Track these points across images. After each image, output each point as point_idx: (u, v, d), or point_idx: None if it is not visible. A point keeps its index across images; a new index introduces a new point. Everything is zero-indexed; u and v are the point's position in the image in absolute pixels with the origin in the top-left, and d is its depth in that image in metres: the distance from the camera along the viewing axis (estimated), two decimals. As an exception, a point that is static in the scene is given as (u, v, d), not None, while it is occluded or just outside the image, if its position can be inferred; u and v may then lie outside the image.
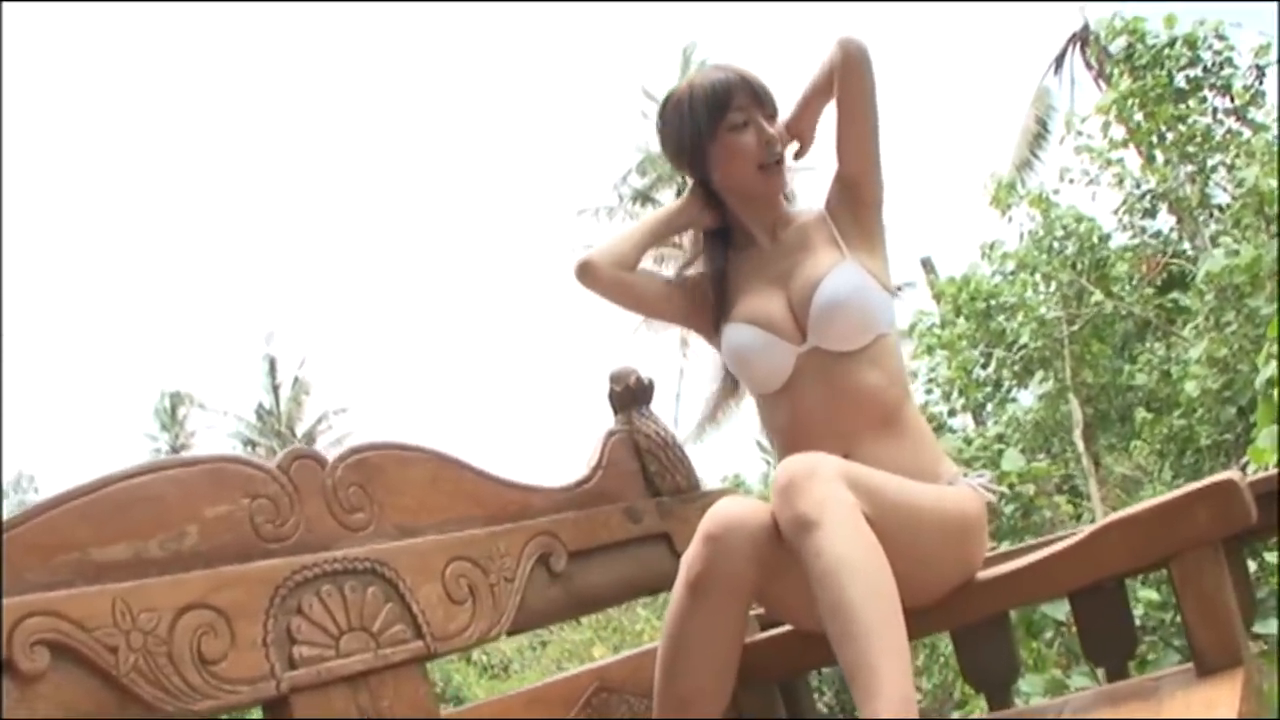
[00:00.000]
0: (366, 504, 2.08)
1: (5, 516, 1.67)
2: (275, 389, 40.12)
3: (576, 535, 2.36)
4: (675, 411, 25.21)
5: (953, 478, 2.31)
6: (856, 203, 2.41)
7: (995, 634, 2.35)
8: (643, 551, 2.51)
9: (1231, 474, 1.99)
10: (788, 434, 2.36)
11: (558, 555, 2.31)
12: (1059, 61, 20.86)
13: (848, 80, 2.33)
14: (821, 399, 2.31)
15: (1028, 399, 13.83)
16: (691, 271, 2.54)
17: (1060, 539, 2.29)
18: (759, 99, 2.42)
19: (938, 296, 14.42)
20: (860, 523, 1.91)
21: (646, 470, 2.62)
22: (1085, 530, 2.17)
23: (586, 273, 2.43)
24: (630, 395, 2.69)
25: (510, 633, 2.21)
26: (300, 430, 39.62)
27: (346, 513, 2.05)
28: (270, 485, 1.97)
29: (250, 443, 39.84)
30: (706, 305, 2.47)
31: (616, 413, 2.70)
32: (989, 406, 14.03)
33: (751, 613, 2.32)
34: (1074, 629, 3.21)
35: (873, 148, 2.39)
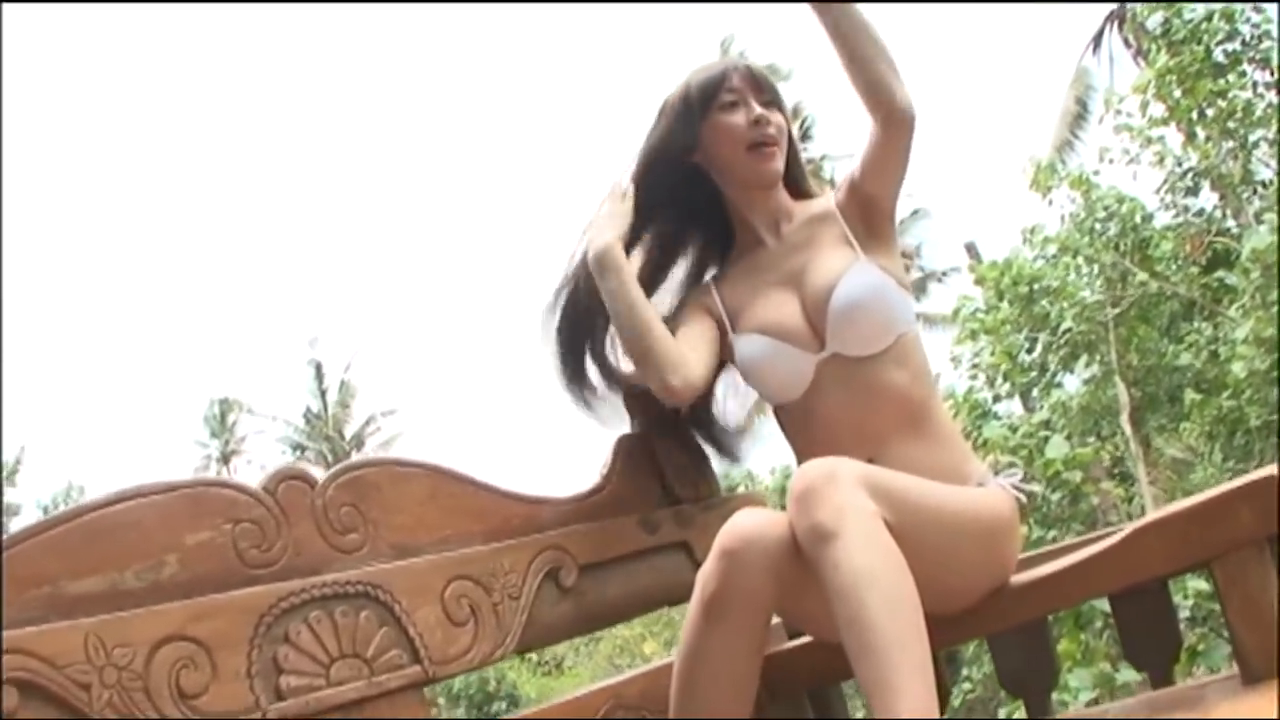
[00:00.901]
0: (360, 524, 1.98)
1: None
2: (323, 393, 40.34)
3: (587, 548, 2.25)
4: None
5: (982, 478, 2.19)
6: (871, 209, 2.30)
7: (1032, 640, 2.23)
8: (660, 562, 2.40)
9: (1274, 469, 1.86)
10: (809, 443, 2.25)
11: (567, 569, 2.21)
12: (1097, 40, 20.61)
13: (894, 136, 2.20)
14: (844, 405, 2.20)
15: (1073, 383, 13.64)
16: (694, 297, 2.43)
17: (1098, 539, 2.17)
18: (756, 83, 2.33)
19: (980, 281, 14.23)
20: (881, 532, 1.81)
21: (663, 477, 2.50)
22: (1122, 531, 2.05)
23: (678, 396, 2.27)
24: (646, 398, 2.58)
25: (518, 652, 2.11)
26: (349, 433, 39.86)
27: (338, 534, 1.95)
28: (255, 509, 1.87)
29: (300, 446, 40.10)
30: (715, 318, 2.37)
31: (632, 418, 2.59)
32: (1035, 391, 13.86)
33: (776, 620, 2.21)
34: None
35: (900, 179, 2.28)
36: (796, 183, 2.43)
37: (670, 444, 2.53)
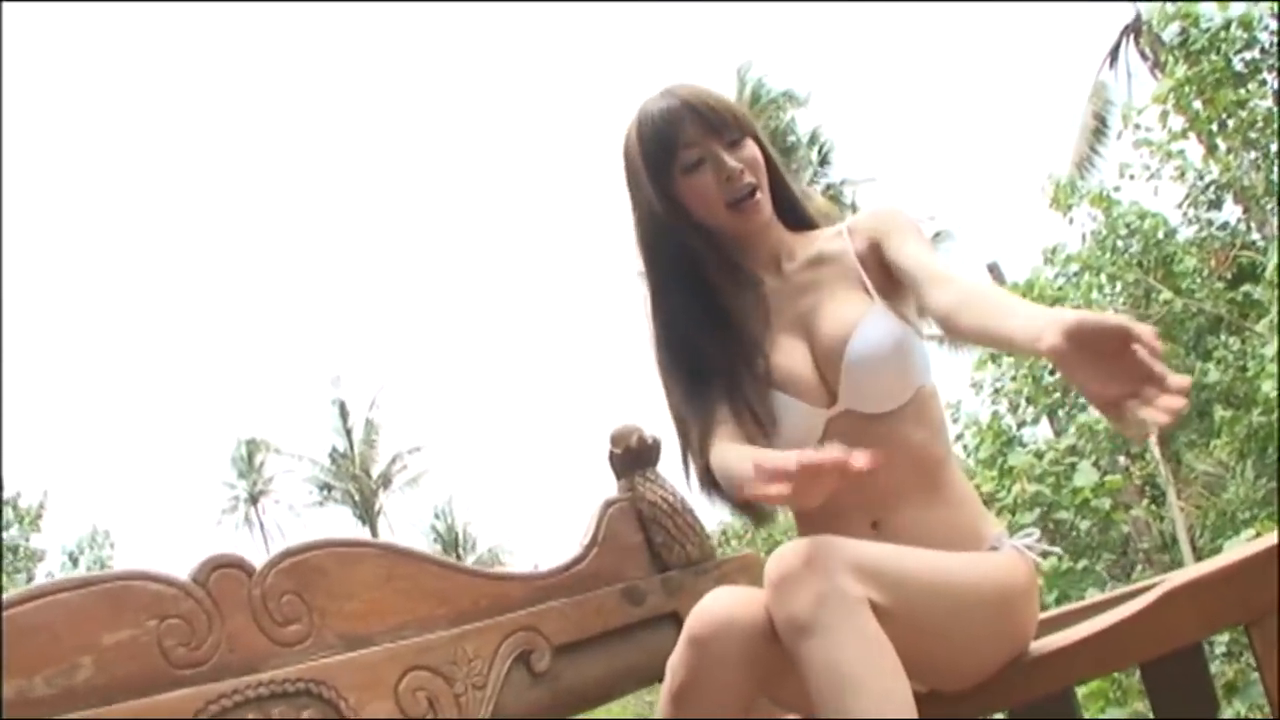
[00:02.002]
0: (304, 614, 1.80)
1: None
2: (348, 432, 40.40)
3: (564, 626, 2.06)
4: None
5: (996, 540, 1.99)
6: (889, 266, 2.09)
7: (1058, 709, 2.03)
8: (647, 636, 2.20)
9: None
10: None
11: (540, 652, 2.01)
12: (1113, 55, 20.41)
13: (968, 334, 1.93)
14: None
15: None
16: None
17: (1124, 597, 1.98)
18: (712, 127, 2.06)
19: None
20: (865, 623, 1.61)
21: (651, 542, 2.32)
22: (1151, 593, 1.84)
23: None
24: (632, 458, 2.39)
25: (486, 745, 1.92)
26: (375, 471, 39.88)
27: (279, 626, 1.77)
28: (183, 602, 1.70)
29: (326, 486, 40.17)
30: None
31: (618, 478, 2.40)
32: (1060, 412, 13.62)
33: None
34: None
35: None
36: (790, 212, 2.19)
37: (661, 503, 2.35)
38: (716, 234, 2.11)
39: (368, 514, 39.94)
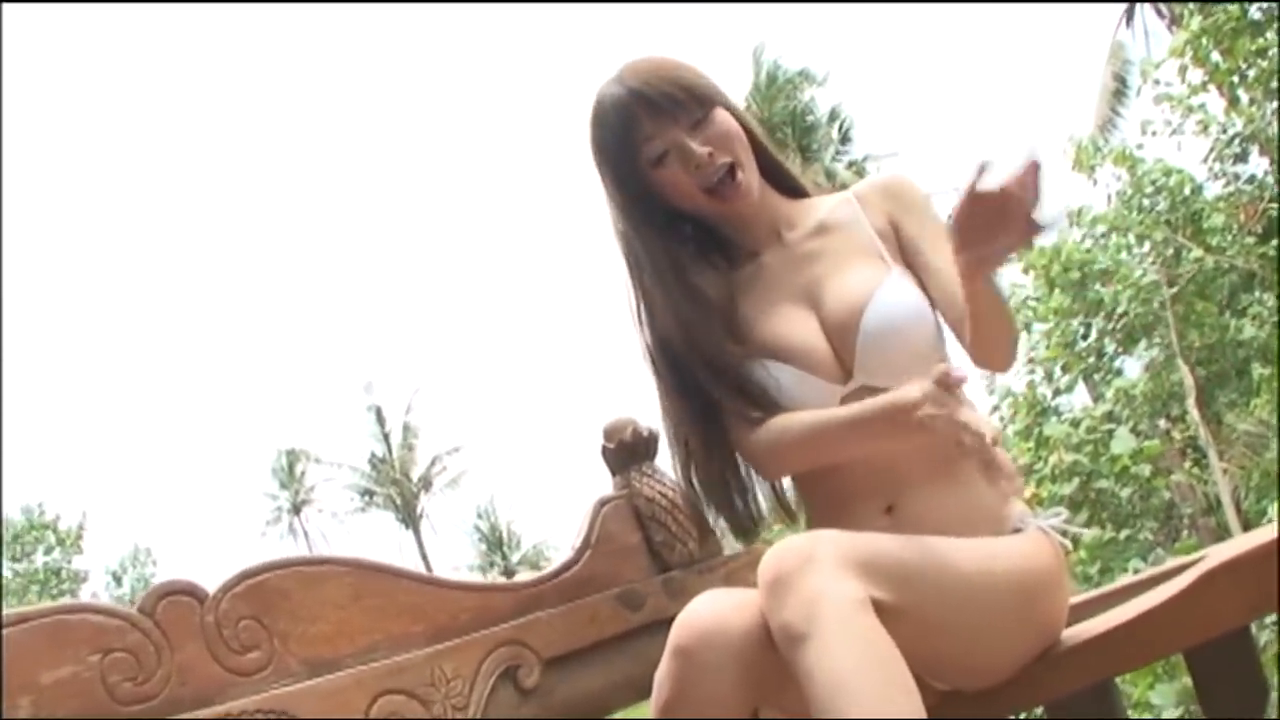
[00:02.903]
0: (263, 640, 1.66)
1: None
2: (385, 437, 40.56)
3: (553, 638, 1.91)
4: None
5: (1021, 520, 1.83)
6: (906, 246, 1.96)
7: (1096, 704, 1.87)
8: (647, 644, 2.01)
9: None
10: (822, 489, 1.93)
11: (528, 667, 1.86)
12: (1129, 14, 20.10)
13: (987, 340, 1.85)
14: None
15: (1134, 367, 13.19)
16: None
17: (1159, 578, 1.81)
18: (669, 114, 1.90)
19: (1027, 269, 13.75)
20: (865, 626, 1.47)
21: (651, 542, 2.16)
22: (1188, 575, 1.69)
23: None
24: (628, 452, 2.23)
25: (474, 771, 1.77)
26: (415, 474, 40.02)
27: (236, 654, 1.63)
28: (129, 634, 1.57)
29: (368, 492, 40.38)
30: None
31: (613, 474, 2.25)
32: (1096, 376, 13.41)
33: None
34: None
35: None
36: (779, 179, 2.04)
37: (660, 498, 2.19)
38: (704, 218, 1.98)
39: (410, 517, 40.11)
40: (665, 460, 2.32)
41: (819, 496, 1.95)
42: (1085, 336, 13.03)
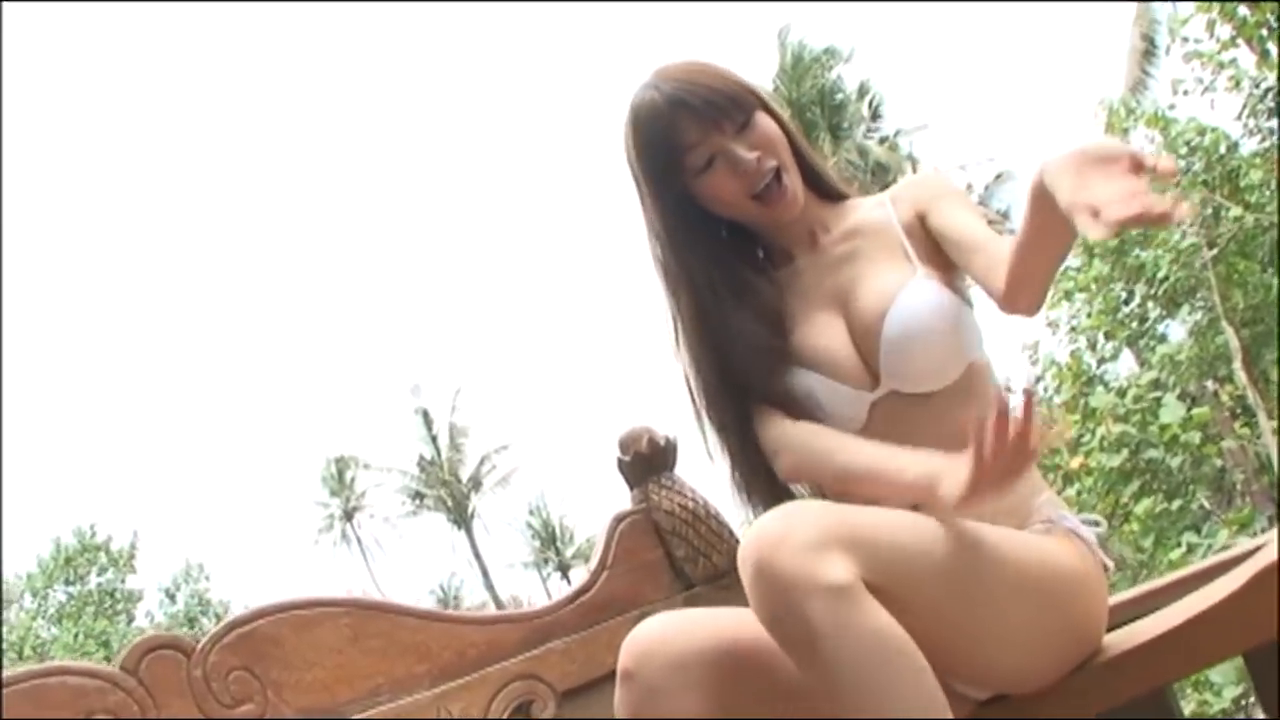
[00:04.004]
0: (256, 691, 1.57)
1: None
2: (433, 439, 40.68)
3: (569, 669, 1.81)
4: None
5: (1051, 516, 1.71)
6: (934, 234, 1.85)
7: (1151, 712, 1.75)
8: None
9: None
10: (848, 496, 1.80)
11: (542, 701, 1.77)
12: (1154, -30, 19.83)
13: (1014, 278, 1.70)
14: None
15: (1178, 330, 12.97)
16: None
17: (1208, 573, 1.70)
18: (713, 120, 1.80)
19: (1065, 238, 13.56)
20: (854, 608, 1.38)
21: (672, 558, 2.06)
22: (1242, 572, 1.55)
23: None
24: (645, 463, 2.14)
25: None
26: (464, 474, 40.12)
27: (227, 708, 1.55)
28: (110, 695, 1.49)
29: (418, 494, 40.50)
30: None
31: (631, 487, 2.15)
32: (1141, 343, 13.21)
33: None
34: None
35: None
36: (817, 182, 1.94)
37: (680, 511, 2.09)
38: (746, 224, 1.89)
39: (462, 518, 40.24)
40: (685, 469, 2.23)
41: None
42: (1127, 303, 12.82)
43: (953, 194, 1.89)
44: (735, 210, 1.85)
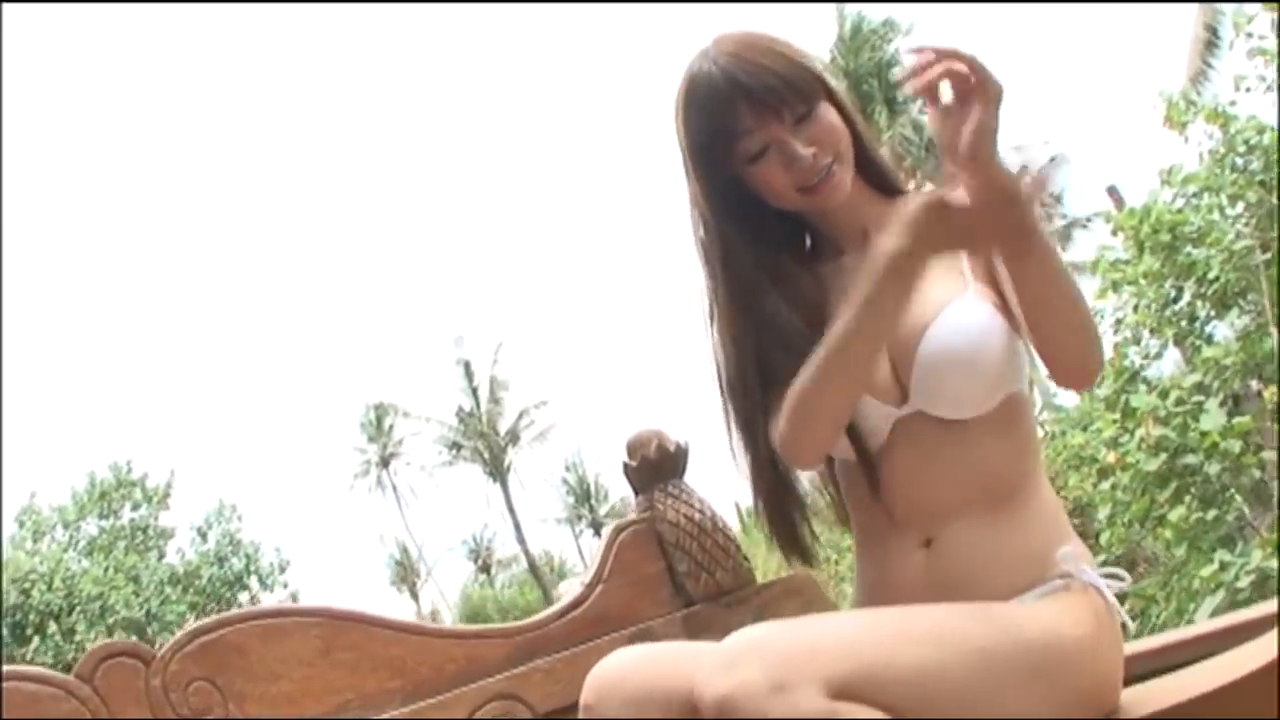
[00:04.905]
0: (218, 703, 1.51)
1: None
2: (474, 390, 40.88)
3: (553, 689, 1.73)
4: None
5: (1070, 568, 1.61)
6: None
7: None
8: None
9: None
10: (858, 521, 1.74)
11: (522, 725, 1.68)
12: (1222, -38, 19.48)
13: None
14: (916, 474, 1.65)
15: (1223, 330, 12.74)
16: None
17: (1229, 633, 1.60)
18: (772, 108, 1.68)
19: (1116, 230, 13.31)
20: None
21: (674, 572, 1.97)
22: (1267, 644, 1.45)
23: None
24: (652, 469, 2.04)
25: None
26: (502, 428, 40.30)
27: (186, 719, 1.46)
28: (64, 703, 1.43)
29: (455, 445, 40.72)
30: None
31: (637, 494, 2.06)
32: (1189, 341, 12.99)
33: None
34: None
35: None
36: (876, 177, 1.82)
37: (684, 522, 2.00)
38: (792, 213, 1.79)
39: (498, 471, 40.46)
40: (694, 476, 2.14)
41: (856, 529, 1.77)
42: (1176, 300, 12.60)
43: None
44: (781, 201, 1.74)
